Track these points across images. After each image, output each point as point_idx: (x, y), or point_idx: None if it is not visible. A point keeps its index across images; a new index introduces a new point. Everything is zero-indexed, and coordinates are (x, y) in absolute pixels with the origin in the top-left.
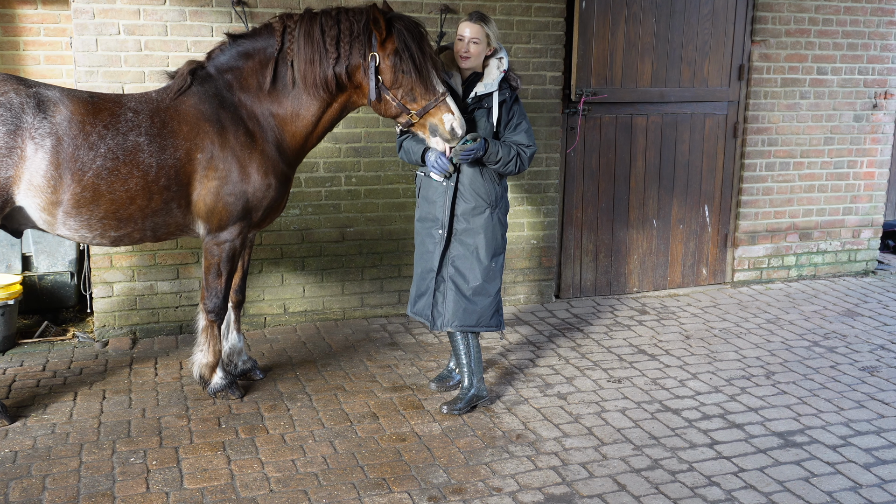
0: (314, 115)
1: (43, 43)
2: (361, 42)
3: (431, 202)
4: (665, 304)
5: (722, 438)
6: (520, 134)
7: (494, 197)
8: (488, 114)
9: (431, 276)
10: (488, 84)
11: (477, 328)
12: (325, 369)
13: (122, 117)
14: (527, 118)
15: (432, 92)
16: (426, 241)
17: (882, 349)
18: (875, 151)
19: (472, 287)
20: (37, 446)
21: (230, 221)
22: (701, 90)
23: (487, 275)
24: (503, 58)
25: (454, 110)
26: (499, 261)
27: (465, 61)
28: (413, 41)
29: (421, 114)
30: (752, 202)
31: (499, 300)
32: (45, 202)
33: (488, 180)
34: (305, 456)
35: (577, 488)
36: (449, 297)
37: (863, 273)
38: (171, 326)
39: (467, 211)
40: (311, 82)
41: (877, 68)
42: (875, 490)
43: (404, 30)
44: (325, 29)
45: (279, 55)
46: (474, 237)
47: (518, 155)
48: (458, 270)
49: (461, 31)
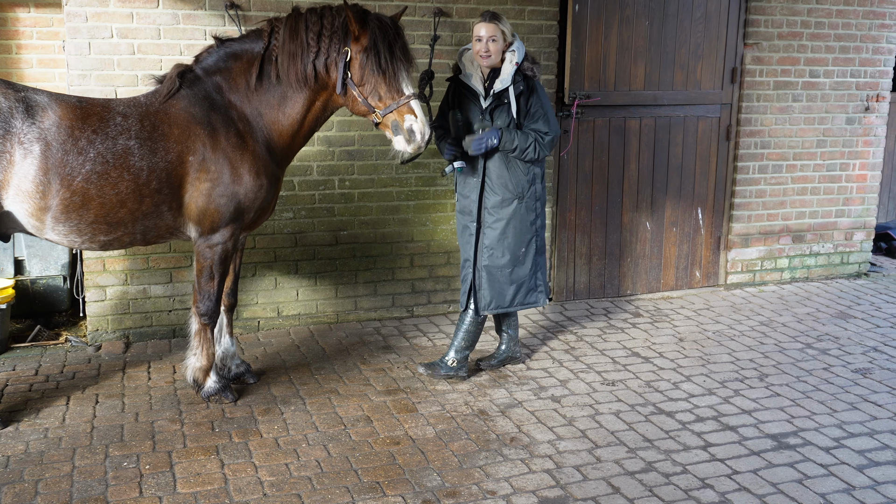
0: (299, 113)
1: (36, 46)
2: (339, 37)
3: (466, 196)
4: (658, 306)
5: (715, 441)
6: (538, 122)
7: (521, 188)
8: (508, 109)
9: (469, 265)
10: (504, 80)
11: (511, 308)
12: (319, 373)
13: (111, 121)
14: (548, 105)
15: (398, 93)
16: (463, 232)
17: (875, 351)
18: (867, 154)
19: (504, 273)
20: (29, 451)
21: (222, 223)
22: (694, 93)
23: (517, 260)
24: (515, 51)
25: (417, 113)
26: (532, 245)
27: (486, 60)
28: (384, 41)
29: (384, 113)
30: (745, 205)
31: (536, 278)
32: (34, 207)
33: (514, 172)
34: (299, 460)
35: (571, 491)
36: (483, 284)
37: (855, 275)
38: (165, 330)
39: (496, 203)
40: (293, 76)
41: (869, 71)
42: (868, 492)
43: (377, 28)
44: (309, 25)
45: (265, 53)
46: (504, 227)
47: (536, 141)
48: (491, 259)
49: (477, 31)
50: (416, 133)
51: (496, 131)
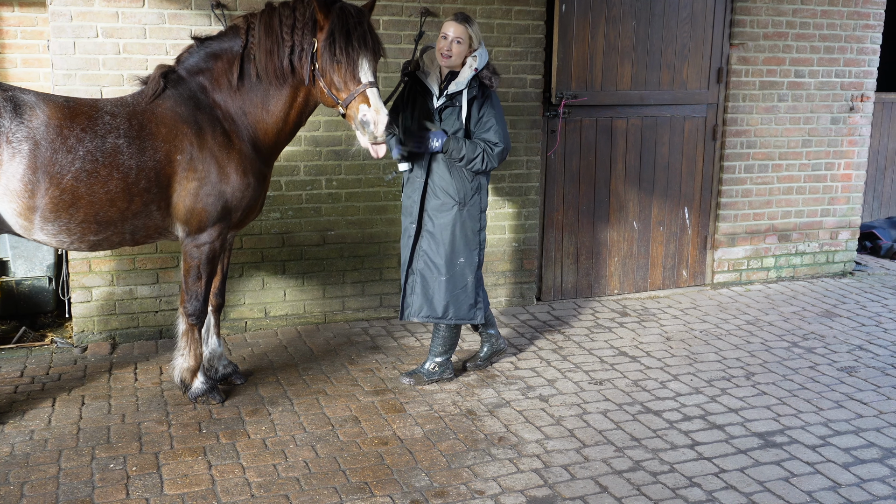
0: (282, 110)
1: (20, 46)
2: (309, 28)
3: (408, 197)
4: (645, 305)
5: (702, 439)
6: (489, 132)
7: (464, 195)
8: (459, 112)
9: (405, 267)
10: (459, 83)
11: (444, 320)
12: (307, 373)
13: (99, 120)
14: (501, 117)
15: (354, 82)
16: (403, 234)
17: (860, 349)
18: (852, 154)
19: (438, 280)
20: (14, 453)
21: (210, 223)
22: (680, 93)
23: (454, 270)
24: (477, 57)
25: (372, 102)
26: (471, 257)
27: (445, 60)
28: (342, 29)
29: (345, 104)
30: (732, 204)
31: (477, 293)
32: (22, 207)
33: (457, 178)
34: (287, 460)
35: (560, 490)
36: (417, 289)
37: (841, 274)
38: (151, 331)
39: (436, 207)
40: (272, 73)
41: (853, 71)
42: (854, 489)
43: (337, 17)
44: (283, 19)
45: (244, 52)
46: (441, 233)
47: (484, 152)
48: (426, 264)
49: (445, 29)
50: (370, 123)
51: (442, 134)
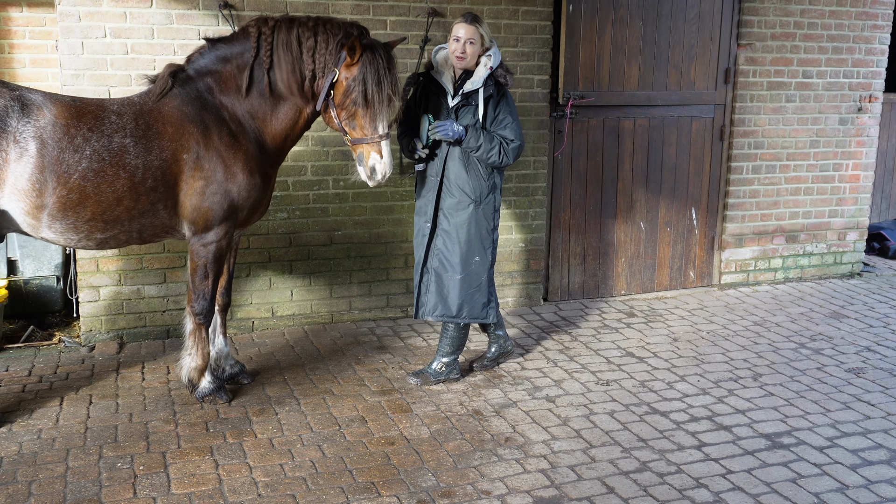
0: (291, 119)
1: (28, 46)
2: (332, 57)
3: (423, 196)
4: (652, 306)
5: (710, 440)
6: (506, 129)
7: (479, 193)
8: (475, 110)
9: (419, 266)
10: (475, 82)
11: (458, 319)
12: (314, 373)
13: (106, 120)
14: (516, 115)
15: (371, 130)
16: (417, 234)
17: (868, 351)
18: (860, 154)
19: (453, 279)
20: (22, 452)
21: (216, 221)
22: (687, 93)
23: (469, 268)
24: (491, 56)
25: (384, 155)
26: (485, 255)
27: (460, 61)
28: (373, 77)
29: (354, 143)
30: (739, 205)
31: (490, 292)
32: (30, 206)
33: (474, 176)
34: (294, 460)
35: (566, 491)
36: (432, 287)
37: (848, 275)
38: (159, 330)
39: (451, 206)
40: (286, 89)
41: (861, 72)
42: (861, 491)
43: (369, 63)
44: (303, 40)
45: (255, 61)
46: (457, 231)
47: (501, 145)
48: (441, 263)
49: (456, 31)
50: (378, 174)
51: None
